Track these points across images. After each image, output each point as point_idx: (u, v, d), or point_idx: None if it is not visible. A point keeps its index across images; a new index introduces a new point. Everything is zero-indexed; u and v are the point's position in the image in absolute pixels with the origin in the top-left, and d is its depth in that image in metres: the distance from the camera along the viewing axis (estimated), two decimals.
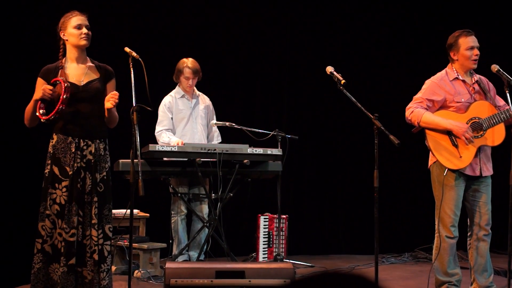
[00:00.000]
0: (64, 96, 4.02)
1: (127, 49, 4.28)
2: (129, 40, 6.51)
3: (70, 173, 4.11)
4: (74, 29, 4.20)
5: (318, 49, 8.13)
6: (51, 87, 4.08)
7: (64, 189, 4.10)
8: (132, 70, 4.18)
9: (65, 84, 4.05)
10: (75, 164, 4.12)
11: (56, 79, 4.13)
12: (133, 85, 4.15)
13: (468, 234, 4.95)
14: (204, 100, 6.47)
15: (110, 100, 4.15)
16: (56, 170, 4.12)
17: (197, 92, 6.44)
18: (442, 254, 4.84)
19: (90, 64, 4.31)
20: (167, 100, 6.30)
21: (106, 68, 4.36)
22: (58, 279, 4.05)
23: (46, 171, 4.14)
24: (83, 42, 4.23)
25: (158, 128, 6.22)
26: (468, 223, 4.95)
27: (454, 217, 4.81)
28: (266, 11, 8.03)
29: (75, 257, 4.09)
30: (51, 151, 4.15)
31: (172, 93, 6.35)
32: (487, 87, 4.96)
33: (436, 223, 4.86)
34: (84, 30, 4.22)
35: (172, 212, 6.31)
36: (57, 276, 4.06)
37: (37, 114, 4.08)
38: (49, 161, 4.14)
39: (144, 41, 7.05)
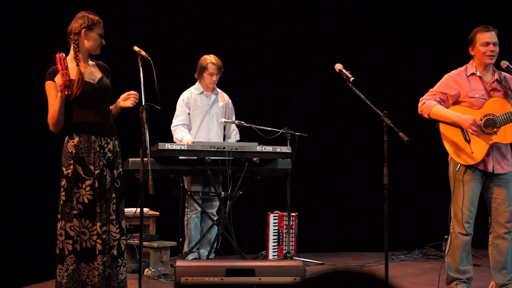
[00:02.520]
0: (63, 72, 4.00)
1: (136, 48, 4.29)
2: (138, 39, 6.51)
3: (96, 172, 4.12)
4: (98, 36, 4.23)
5: (327, 47, 8.12)
6: (60, 81, 4.04)
7: (87, 188, 4.11)
8: (141, 69, 4.19)
9: (60, 55, 4.03)
10: (100, 163, 4.14)
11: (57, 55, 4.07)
12: (142, 84, 4.16)
13: (489, 231, 4.92)
14: (223, 98, 6.49)
15: (131, 99, 4.21)
16: (80, 169, 4.12)
17: (217, 90, 6.47)
18: (455, 251, 4.82)
19: (91, 62, 4.32)
20: (185, 95, 6.34)
21: (104, 65, 4.40)
22: (87, 277, 4.07)
23: (69, 171, 4.12)
24: (98, 51, 4.28)
25: (174, 122, 6.27)
26: (489, 221, 4.93)
27: (467, 213, 4.77)
28: (275, 8, 8.03)
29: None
30: (73, 151, 4.12)
31: (191, 88, 6.38)
32: (511, 85, 4.92)
33: (451, 219, 4.84)
34: (103, 41, 4.27)
35: (186, 210, 6.33)
36: (85, 276, 4.07)
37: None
38: (72, 161, 4.11)
39: (152, 40, 7.07)
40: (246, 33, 7.86)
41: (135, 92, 4.24)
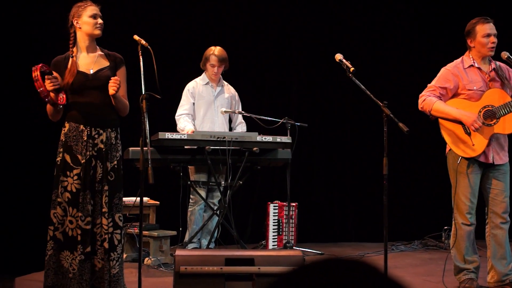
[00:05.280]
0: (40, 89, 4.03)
1: (136, 37, 4.29)
2: (141, 29, 6.51)
3: (82, 161, 4.12)
4: (89, 18, 4.21)
5: (327, 36, 8.11)
6: (49, 77, 4.06)
7: (75, 177, 4.12)
8: (141, 58, 4.19)
9: (34, 74, 4.02)
10: (87, 153, 4.14)
11: (40, 67, 4.06)
12: (142, 73, 4.16)
13: (486, 222, 4.94)
14: (229, 90, 6.50)
15: (112, 86, 4.14)
16: (67, 158, 4.13)
17: (223, 82, 6.47)
18: (459, 241, 4.84)
19: (100, 52, 4.32)
20: (190, 85, 6.35)
21: (115, 56, 4.37)
22: (70, 266, 4.08)
23: (58, 159, 4.15)
24: (98, 32, 4.25)
25: (178, 111, 6.29)
26: (486, 211, 4.94)
27: (469, 204, 4.80)
28: None
29: (90, 245, 4.12)
30: (63, 139, 4.16)
31: (197, 79, 6.39)
32: (507, 74, 4.92)
33: (453, 210, 4.86)
34: (99, 20, 4.25)
35: (191, 201, 6.34)
36: (68, 263, 4.08)
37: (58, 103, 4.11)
38: (61, 149, 4.15)
39: (155, 30, 7.06)
40: (247, 23, 7.84)
41: (116, 78, 4.18)
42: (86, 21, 4.21)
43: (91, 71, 4.21)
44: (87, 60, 4.24)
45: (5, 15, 6.22)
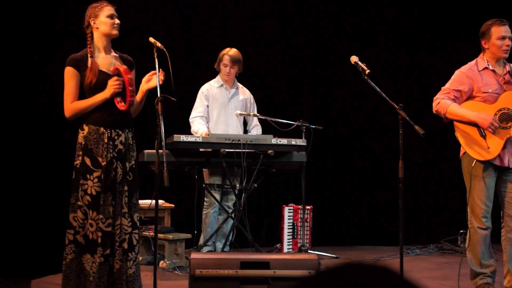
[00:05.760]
0: (130, 89, 4.10)
1: (151, 40, 4.29)
2: (153, 30, 6.52)
3: (103, 163, 4.10)
4: (107, 18, 4.22)
5: (343, 39, 8.09)
6: (116, 78, 4.11)
7: (95, 180, 4.11)
8: (156, 61, 4.19)
9: (128, 77, 4.11)
10: (108, 155, 4.14)
11: (116, 68, 4.15)
12: (157, 75, 4.16)
13: (502, 225, 4.89)
14: (244, 92, 6.49)
15: (157, 77, 4.18)
16: (87, 161, 4.11)
17: (238, 84, 6.47)
18: (475, 245, 4.80)
19: (115, 54, 4.33)
20: (205, 87, 6.35)
21: (128, 58, 4.38)
22: (91, 269, 4.07)
23: (77, 162, 4.13)
24: (115, 32, 4.25)
25: (192, 114, 6.29)
26: (501, 215, 4.90)
27: (485, 208, 4.76)
28: (290, 1, 8.00)
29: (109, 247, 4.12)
30: (83, 142, 4.13)
31: (212, 81, 6.40)
32: None
33: (468, 214, 4.83)
34: (116, 20, 4.26)
35: (205, 205, 6.34)
36: (90, 266, 4.08)
37: (119, 106, 4.12)
38: (80, 152, 4.12)
39: (170, 32, 7.07)
40: (262, 25, 7.84)
41: (161, 72, 4.22)
42: (103, 21, 4.22)
43: (111, 72, 4.22)
44: (106, 61, 4.25)
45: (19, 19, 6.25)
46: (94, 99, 4.12)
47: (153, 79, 4.24)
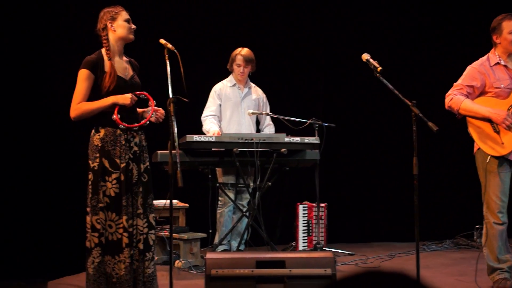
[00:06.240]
0: (150, 119, 4.25)
1: (162, 41, 4.30)
2: (164, 31, 6.54)
3: (122, 165, 4.13)
4: (124, 22, 4.26)
5: (354, 37, 8.06)
6: (135, 98, 4.21)
7: (114, 182, 4.13)
8: (167, 62, 4.20)
9: (154, 103, 4.24)
10: (126, 156, 4.16)
11: (141, 93, 4.26)
12: (169, 76, 4.17)
13: None
14: (257, 92, 6.49)
15: (159, 117, 4.33)
16: (106, 163, 4.13)
17: (250, 83, 6.47)
18: (492, 241, 4.78)
19: (125, 58, 4.36)
20: (217, 87, 6.37)
21: (135, 63, 4.44)
22: (113, 270, 4.09)
23: (95, 164, 4.13)
24: (132, 36, 4.30)
25: (205, 113, 6.31)
26: None
27: (500, 203, 4.74)
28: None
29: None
30: (99, 145, 4.14)
31: (224, 81, 6.41)
32: None
33: (484, 210, 4.81)
34: (133, 25, 4.30)
35: (219, 204, 6.35)
36: (111, 268, 4.09)
37: (114, 117, 4.14)
38: (98, 154, 4.13)
39: (181, 32, 7.08)
40: (274, 24, 7.83)
41: (162, 112, 4.33)
42: (121, 25, 4.25)
43: (127, 77, 4.26)
44: (122, 65, 4.28)
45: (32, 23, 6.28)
46: (103, 102, 4.14)
47: (152, 118, 4.32)
